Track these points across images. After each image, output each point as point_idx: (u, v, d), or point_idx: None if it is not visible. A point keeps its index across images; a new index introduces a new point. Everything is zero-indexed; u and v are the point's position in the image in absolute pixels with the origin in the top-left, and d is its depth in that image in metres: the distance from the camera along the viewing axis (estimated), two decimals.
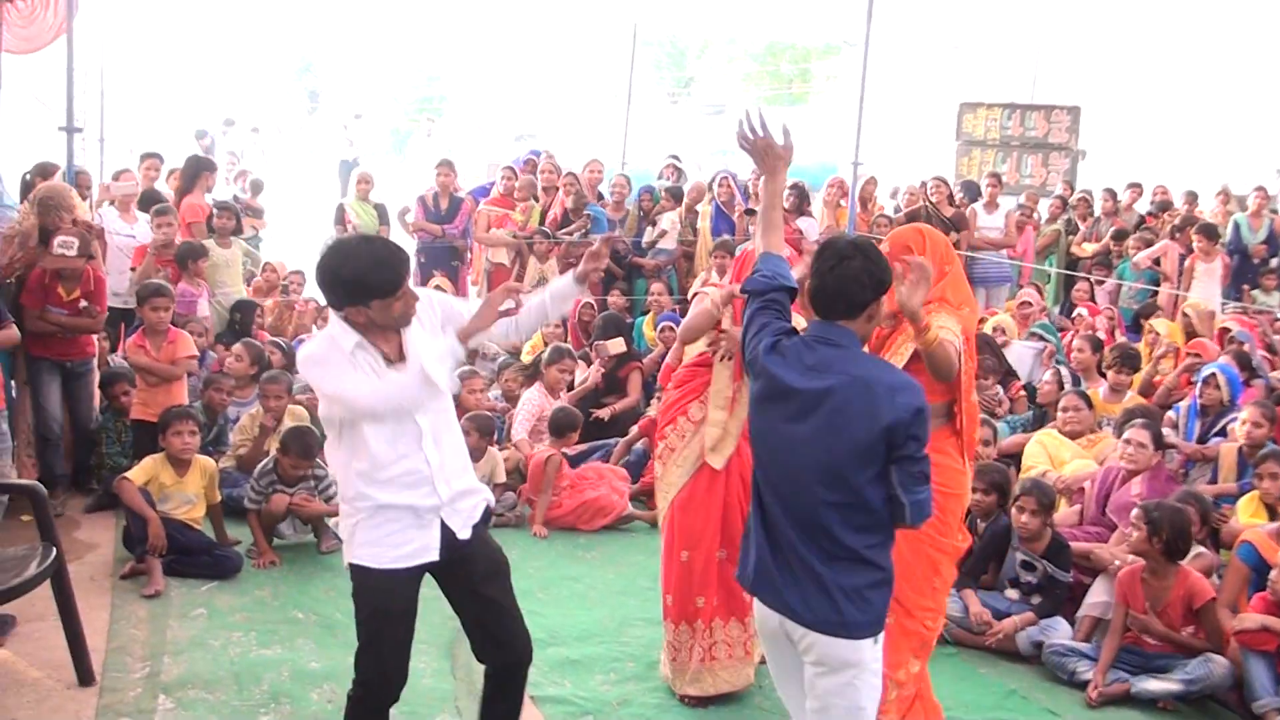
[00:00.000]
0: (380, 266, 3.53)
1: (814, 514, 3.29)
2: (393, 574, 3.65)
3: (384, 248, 3.63)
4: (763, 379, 3.42)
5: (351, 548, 3.69)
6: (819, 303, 3.43)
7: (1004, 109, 16.43)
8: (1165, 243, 11.94)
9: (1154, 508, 5.37)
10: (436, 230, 11.26)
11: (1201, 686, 5.17)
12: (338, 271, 3.53)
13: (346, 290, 3.54)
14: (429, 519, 3.68)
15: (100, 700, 4.78)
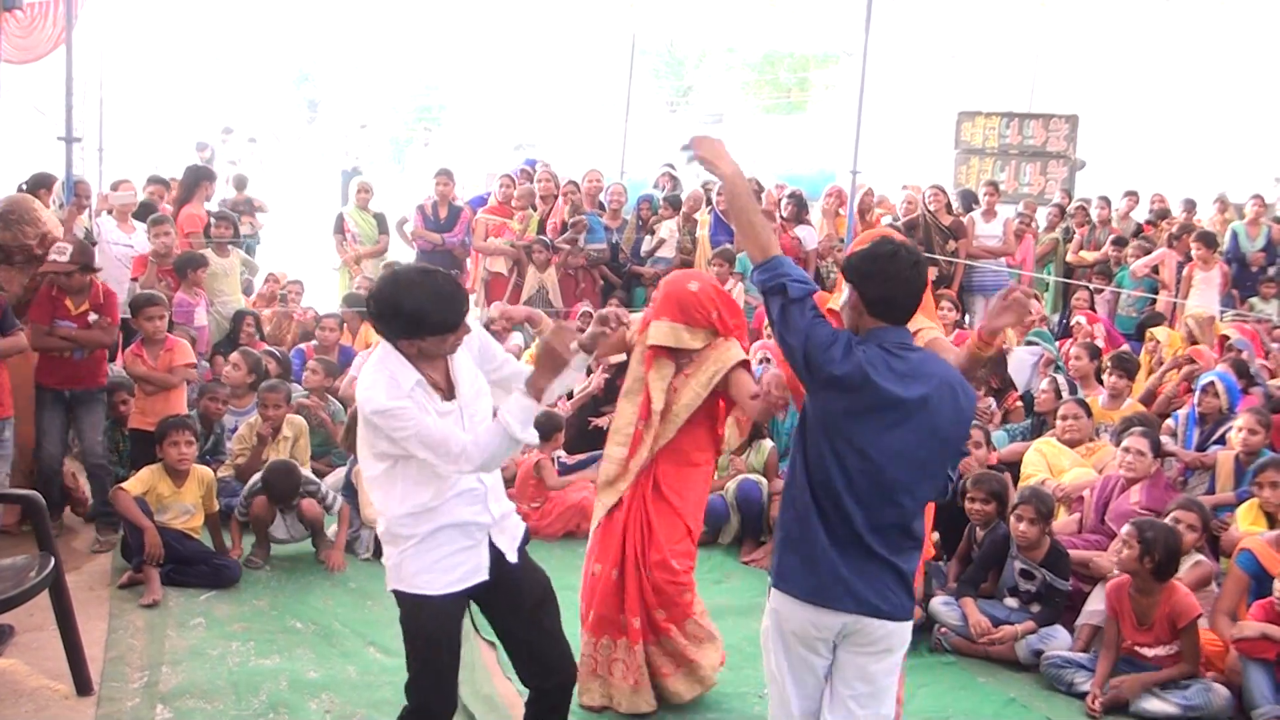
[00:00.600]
0: (443, 303, 3.49)
1: (899, 514, 3.42)
2: (446, 599, 3.63)
3: (446, 283, 3.56)
4: (864, 391, 3.33)
5: (402, 576, 3.64)
6: (897, 308, 3.45)
7: (1002, 117, 16.44)
8: (1163, 251, 11.95)
9: (1148, 527, 5.34)
10: (436, 239, 11.27)
11: (1199, 714, 5.16)
12: (398, 304, 3.48)
13: (405, 323, 3.49)
14: (479, 538, 3.68)
15: (98, 710, 4.77)
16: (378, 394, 3.49)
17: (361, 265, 11.30)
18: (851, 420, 3.36)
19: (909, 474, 3.39)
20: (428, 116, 29.39)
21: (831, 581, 3.39)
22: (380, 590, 6.22)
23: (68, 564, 5.86)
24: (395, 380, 3.51)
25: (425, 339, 3.51)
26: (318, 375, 8.14)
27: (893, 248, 3.48)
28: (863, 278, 3.44)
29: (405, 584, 3.64)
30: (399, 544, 3.64)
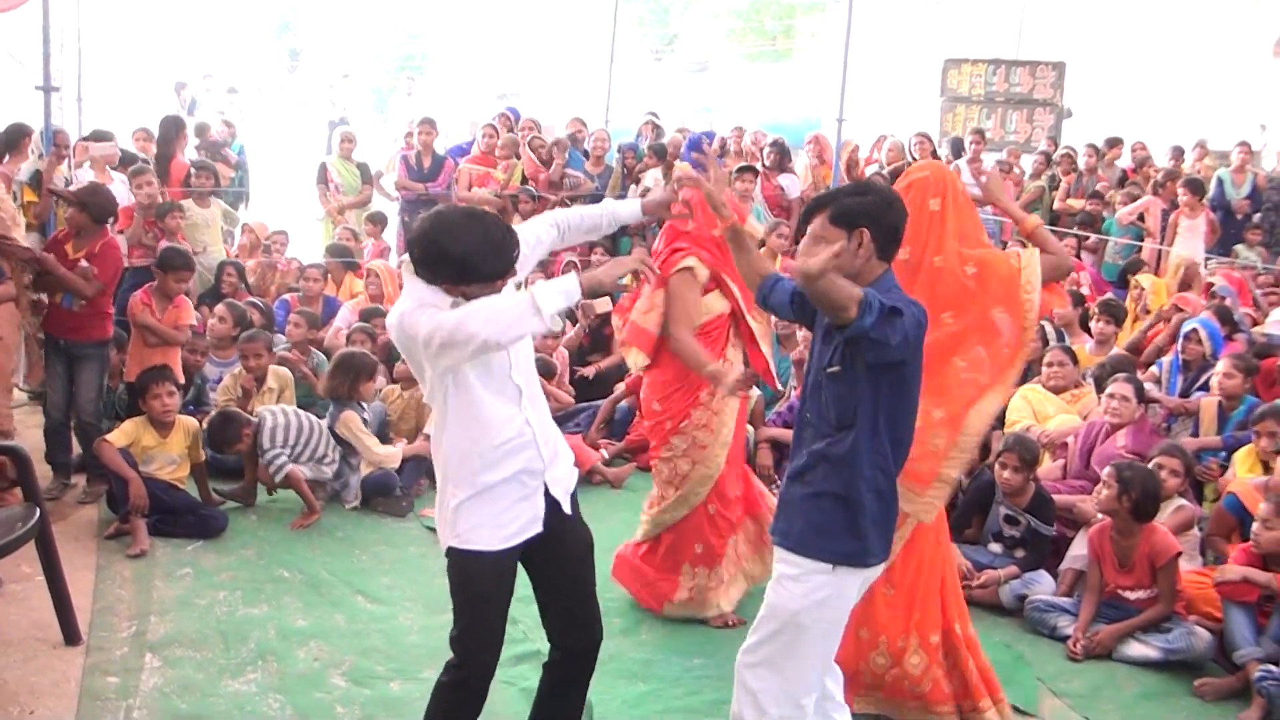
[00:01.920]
0: (494, 251, 3.34)
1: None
2: (500, 555, 3.53)
3: (496, 228, 3.38)
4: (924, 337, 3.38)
5: (456, 531, 3.52)
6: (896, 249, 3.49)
7: (989, 65, 16.35)
8: (1148, 198, 11.94)
9: (1126, 467, 5.39)
10: (420, 189, 11.21)
11: (1181, 657, 5.21)
12: (445, 249, 3.31)
13: (451, 270, 3.35)
14: (534, 487, 3.56)
15: (87, 659, 4.78)
16: (419, 318, 3.33)
17: (344, 216, 11.23)
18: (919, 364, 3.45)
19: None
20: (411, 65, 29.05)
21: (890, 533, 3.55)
22: (367, 539, 6.29)
23: (54, 515, 5.86)
24: (423, 302, 3.39)
25: (472, 285, 3.37)
26: (300, 328, 8.11)
27: (877, 186, 3.48)
28: (878, 220, 3.37)
29: (459, 540, 3.52)
30: (455, 494, 3.52)
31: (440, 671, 3.64)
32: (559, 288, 3.35)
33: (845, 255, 3.33)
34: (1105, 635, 5.30)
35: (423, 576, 5.86)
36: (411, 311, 3.37)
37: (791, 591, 3.46)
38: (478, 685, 3.60)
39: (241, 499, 6.59)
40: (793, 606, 3.46)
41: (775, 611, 3.50)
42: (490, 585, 3.55)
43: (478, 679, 3.59)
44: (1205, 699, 4.98)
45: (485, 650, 3.58)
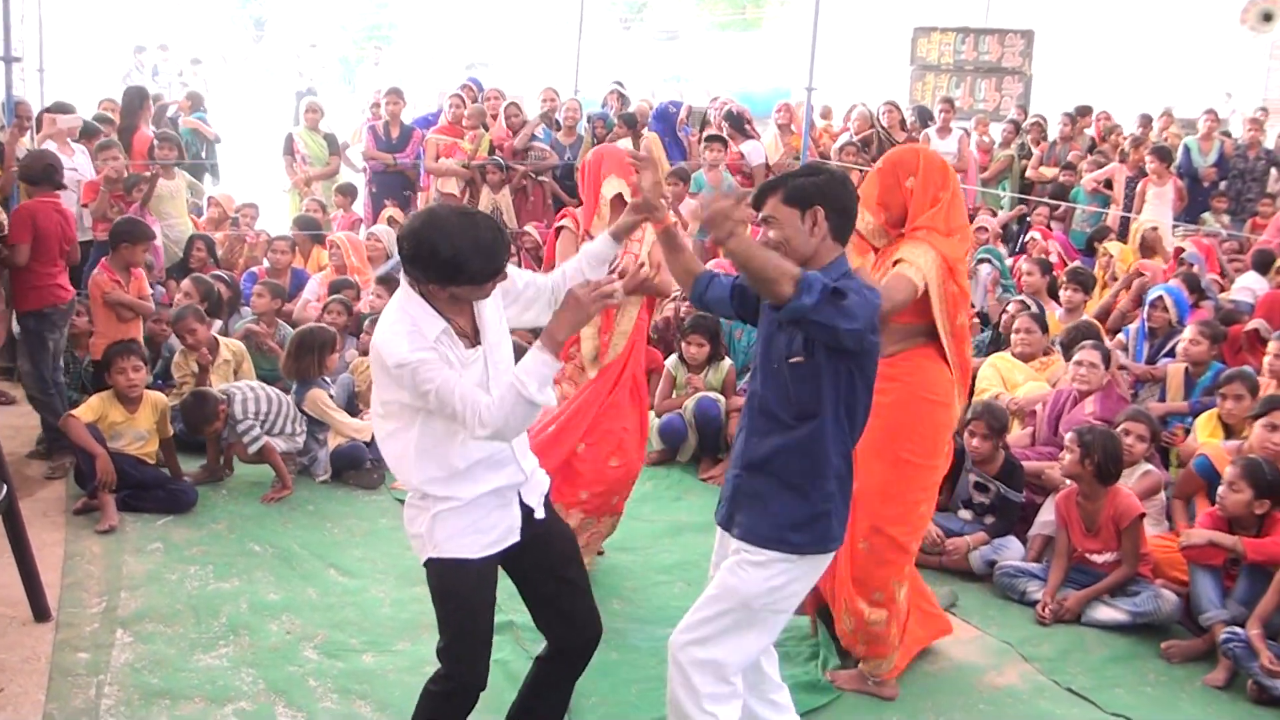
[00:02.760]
0: (484, 253, 3.27)
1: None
2: (482, 562, 3.48)
3: (487, 229, 3.31)
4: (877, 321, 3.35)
5: (435, 542, 3.45)
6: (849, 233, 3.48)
7: (958, 33, 16.34)
8: (1114, 165, 12.00)
9: (1087, 431, 5.44)
10: (388, 159, 11.14)
11: (1149, 620, 5.27)
12: (436, 248, 3.23)
13: (441, 270, 3.26)
14: (510, 497, 3.52)
15: (57, 635, 4.76)
16: (399, 345, 3.27)
17: (311, 187, 11.15)
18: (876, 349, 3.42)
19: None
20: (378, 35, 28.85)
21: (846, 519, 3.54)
22: (339, 512, 6.27)
23: (21, 491, 5.80)
24: (419, 329, 3.30)
25: (461, 286, 3.32)
26: (264, 299, 8.03)
27: (830, 169, 3.44)
28: (833, 202, 3.35)
29: (439, 550, 3.45)
30: (429, 507, 3.45)
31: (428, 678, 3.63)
32: (536, 371, 3.26)
33: (800, 236, 3.35)
34: (1073, 600, 5.35)
35: (394, 549, 5.85)
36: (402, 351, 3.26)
37: (753, 576, 3.43)
38: (469, 693, 3.57)
39: (205, 480, 6.54)
40: (750, 591, 3.44)
41: (728, 594, 3.46)
42: (474, 594, 3.50)
43: (469, 687, 3.56)
44: (1172, 661, 5.04)
45: (475, 659, 3.55)
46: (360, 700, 4.41)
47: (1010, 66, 16.04)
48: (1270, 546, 5.02)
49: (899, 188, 4.33)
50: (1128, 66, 18.16)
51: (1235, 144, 13.09)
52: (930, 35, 16.47)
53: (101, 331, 7.06)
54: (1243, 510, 5.11)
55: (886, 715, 4.51)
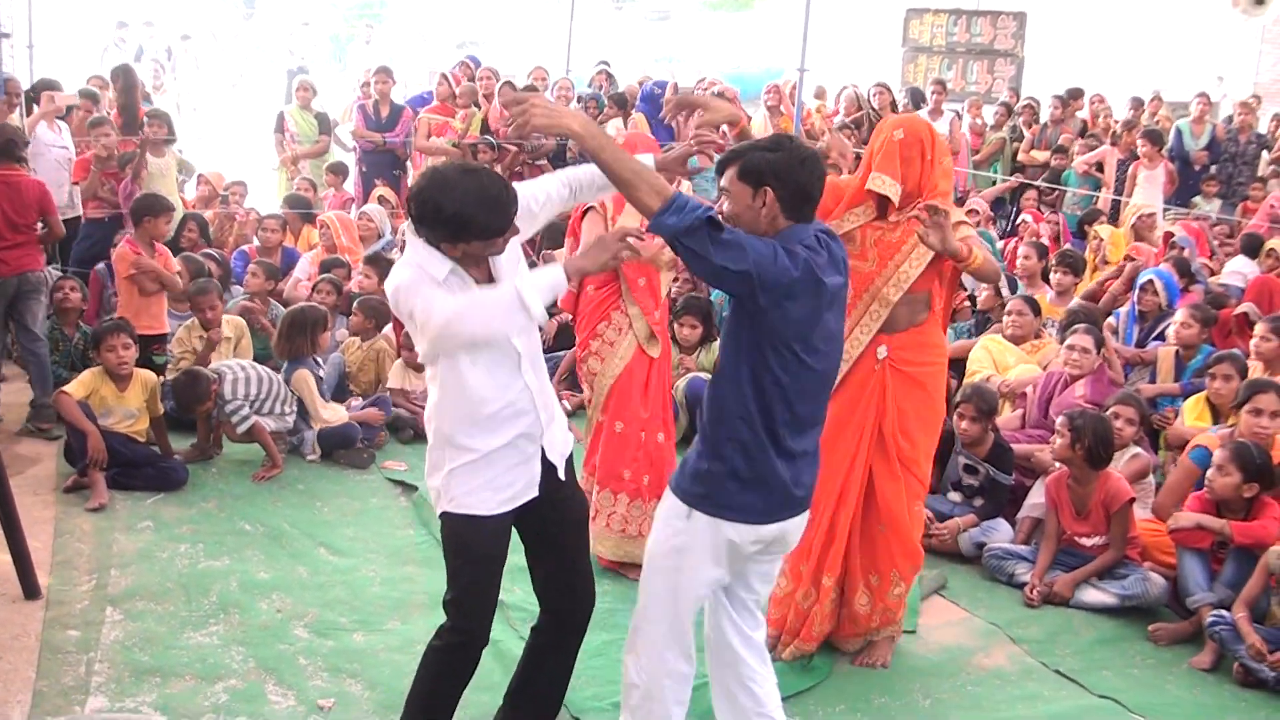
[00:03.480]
0: (491, 206, 3.28)
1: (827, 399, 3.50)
2: (497, 518, 3.50)
3: (493, 183, 3.33)
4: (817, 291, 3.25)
5: (452, 496, 3.48)
6: (811, 202, 3.38)
7: (950, 15, 16.30)
8: (1105, 148, 11.99)
9: (1078, 415, 5.46)
10: (378, 139, 11.10)
11: (1138, 602, 5.29)
12: (441, 206, 3.26)
13: (448, 227, 3.29)
14: (531, 452, 3.53)
15: (47, 613, 4.76)
16: (398, 274, 3.36)
17: (299, 166, 11.10)
18: (811, 321, 3.28)
19: (838, 360, 3.56)
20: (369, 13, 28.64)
21: (783, 498, 3.40)
22: (329, 491, 6.27)
23: (11, 469, 5.78)
24: (423, 269, 3.35)
25: (471, 243, 3.33)
26: (258, 278, 8.02)
27: (791, 143, 3.39)
28: (784, 179, 3.30)
29: (454, 504, 3.48)
30: (448, 459, 3.48)
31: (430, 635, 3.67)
32: (546, 282, 3.35)
33: (748, 213, 3.34)
34: (1061, 583, 5.37)
35: (385, 528, 5.86)
36: (408, 288, 3.33)
37: (655, 533, 3.51)
38: (474, 649, 3.61)
39: (196, 458, 6.54)
40: (651, 549, 3.51)
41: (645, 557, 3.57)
42: (486, 549, 3.53)
43: (475, 642, 3.60)
44: (1159, 643, 5.07)
45: (482, 614, 3.58)
46: (350, 679, 4.42)
47: (1002, 49, 16.01)
48: (1258, 530, 5.04)
49: (919, 159, 4.39)
50: (1120, 49, 18.13)
51: (1227, 128, 13.10)
52: (922, 17, 16.43)
53: (124, 306, 7.06)
54: (1231, 493, 5.13)
55: (875, 697, 4.52)
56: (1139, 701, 4.58)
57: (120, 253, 7.12)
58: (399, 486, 6.43)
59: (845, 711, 4.42)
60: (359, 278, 8.31)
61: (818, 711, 4.39)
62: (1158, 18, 18.44)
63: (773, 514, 3.39)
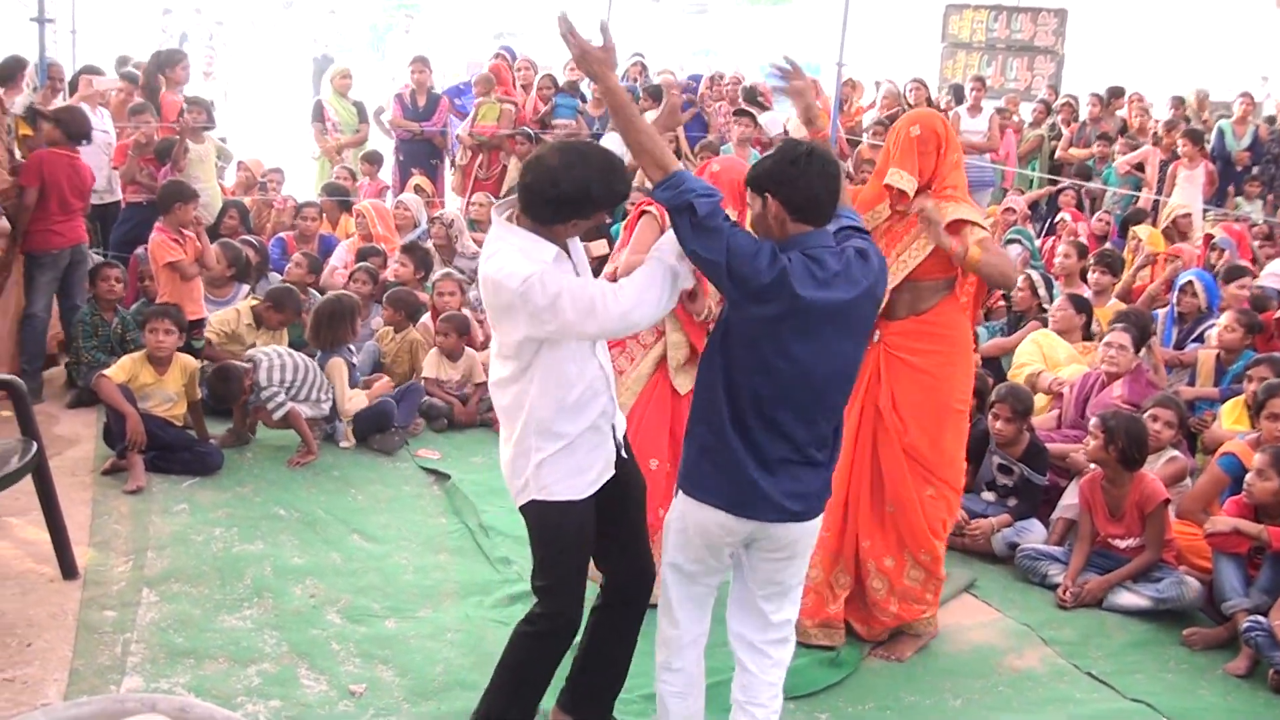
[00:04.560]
0: (610, 173, 3.35)
1: (833, 417, 3.43)
2: (585, 503, 3.56)
3: (600, 152, 3.41)
4: (786, 299, 3.22)
5: (542, 485, 3.50)
6: (821, 208, 3.35)
7: (990, 11, 16.21)
8: (1146, 148, 11.89)
9: (1111, 416, 5.41)
10: (415, 128, 11.13)
11: (1171, 606, 5.24)
12: (558, 184, 3.28)
13: (572, 205, 3.33)
14: (606, 431, 3.59)
15: (84, 593, 4.80)
16: (518, 265, 3.29)
17: (342, 155, 11.15)
18: (783, 328, 3.27)
19: (838, 378, 3.39)
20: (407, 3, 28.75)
21: (749, 492, 3.37)
22: (363, 478, 6.30)
23: (50, 450, 5.85)
24: (529, 253, 3.34)
25: (590, 217, 3.41)
26: (300, 269, 8.07)
27: (806, 147, 3.39)
28: (781, 183, 3.32)
29: (545, 493, 3.50)
30: (538, 449, 3.48)
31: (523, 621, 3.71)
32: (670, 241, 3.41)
33: (760, 219, 3.40)
34: (1094, 585, 5.34)
35: (417, 516, 5.89)
36: (547, 277, 3.27)
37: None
38: (571, 632, 3.68)
39: (231, 443, 6.59)
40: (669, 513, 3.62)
41: None
42: (578, 533, 3.59)
43: (571, 626, 3.66)
44: (1193, 648, 5.02)
45: (578, 598, 3.64)
46: (382, 665, 4.45)
47: (1043, 45, 15.91)
48: None
49: (933, 154, 4.45)
50: (1162, 48, 17.95)
51: (1270, 128, 12.95)
52: (962, 13, 16.35)
53: (164, 293, 7.16)
54: (1270, 498, 5.08)
55: (905, 695, 4.51)
56: (1172, 706, 4.54)
57: (157, 241, 7.20)
58: (432, 475, 6.46)
59: (874, 709, 4.41)
60: (395, 266, 8.35)
61: (846, 708, 4.39)
62: (1200, 17, 18.23)
63: (742, 508, 3.38)
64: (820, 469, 3.44)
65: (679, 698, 3.67)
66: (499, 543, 5.52)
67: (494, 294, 3.37)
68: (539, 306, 3.26)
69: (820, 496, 3.47)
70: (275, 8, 29.80)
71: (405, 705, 4.20)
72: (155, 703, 2.96)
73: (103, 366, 6.37)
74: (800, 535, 3.46)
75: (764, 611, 3.57)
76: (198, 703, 2.84)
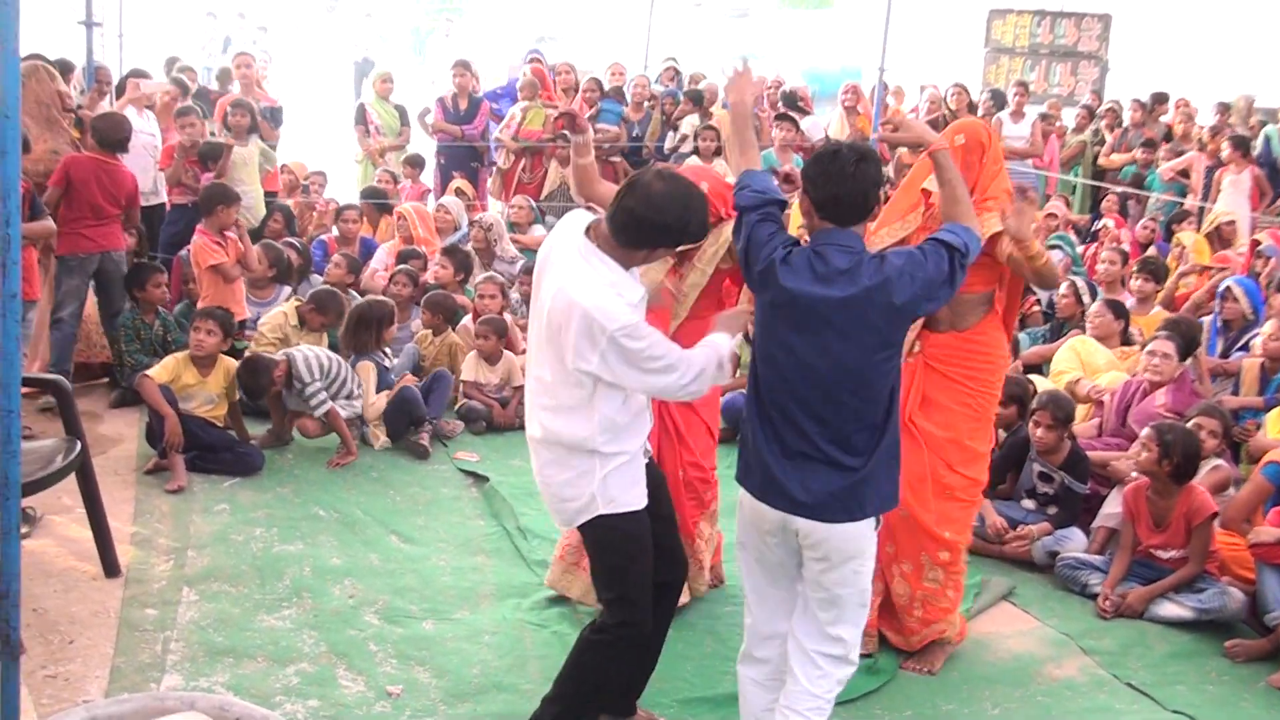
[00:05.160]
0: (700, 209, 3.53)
1: (845, 413, 3.40)
2: (645, 511, 3.70)
3: (697, 189, 3.58)
4: (774, 289, 3.39)
5: (610, 498, 3.61)
6: (844, 207, 3.39)
7: (1034, 16, 16.10)
8: (1192, 154, 11.76)
9: (1168, 430, 5.33)
10: (456, 131, 11.18)
11: (1214, 616, 5.18)
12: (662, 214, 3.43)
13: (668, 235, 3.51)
14: (645, 446, 3.76)
15: (125, 591, 4.86)
16: (618, 309, 3.41)
17: (385, 158, 11.22)
18: (778, 319, 3.41)
19: (845, 378, 3.37)
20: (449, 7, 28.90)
21: (766, 479, 3.46)
22: (401, 480, 6.33)
23: (94, 449, 5.91)
24: (621, 291, 3.48)
25: (673, 248, 3.66)
26: (340, 269, 8.12)
27: (835, 148, 3.45)
28: (809, 180, 3.43)
29: (613, 506, 3.61)
30: (600, 466, 3.59)
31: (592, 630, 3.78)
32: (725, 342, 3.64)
33: (806, 214, 3.51)
34: (1135, 596, 5.27)
35: (455, 518, 5.91)
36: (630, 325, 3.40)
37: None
38: (641, 639, 3.75)
39: (271, 444, 6.64)
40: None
41: None
42: (645, 540, 3.70)
43: (642, 633, 3.73)
44: (1236, 660, 4.96)
45: (647, 604, 3.71)
46: (419, 666, 4.47)
47: (1086, 51, 15.79)
48: None
49: (977, 163, 4.43)
50: (1207, 53, 17.75)
51: None
52: (1005, 17, 16.25)
53: (207, 295, 7.26)
54: None
55: (943, 703, 4.49)
56: (1213, 718, 4.49)
57: (199, 244, 7.28)
58: (471, 477, 6.49)
59: (912, 718, 4.38)
60: (435, 269, 8.39)
61: (884, 716, 4.37)
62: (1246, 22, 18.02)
63: (765, 494, 3.48)
64: (846, 472, 3.41)
65: (758, 687, 3.72)
66: (536, 546, 5.53)
67: (580, 322, 3.42)
68: (626, 351, 3.40)
69: (845, 502, 3.41)
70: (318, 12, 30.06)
71: (442, 707, 4.21)
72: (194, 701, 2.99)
73: (145, 368, 6.44)
74: (829, 537, 3.42)
75: (819, 619, 3.55)
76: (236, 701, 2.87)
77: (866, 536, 3.49)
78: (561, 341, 3.47)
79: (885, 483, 3.50)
